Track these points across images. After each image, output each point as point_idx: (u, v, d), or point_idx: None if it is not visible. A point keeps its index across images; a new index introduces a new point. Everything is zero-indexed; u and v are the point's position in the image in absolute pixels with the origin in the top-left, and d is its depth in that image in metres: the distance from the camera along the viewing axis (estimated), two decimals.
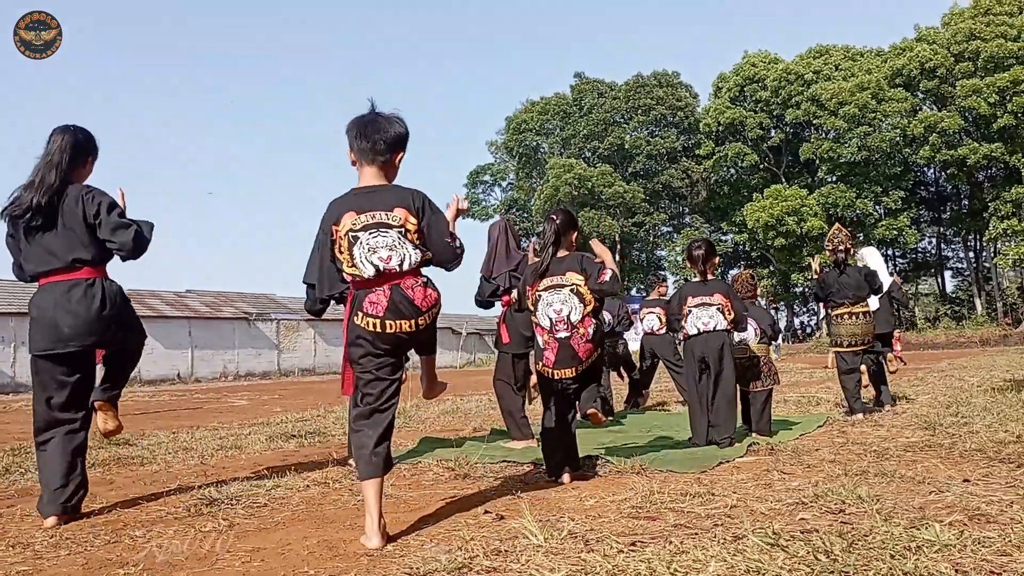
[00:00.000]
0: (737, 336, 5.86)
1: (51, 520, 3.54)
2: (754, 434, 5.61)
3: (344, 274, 3.09)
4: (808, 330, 54.24)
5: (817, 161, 46.94)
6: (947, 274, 55.28)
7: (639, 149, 52.20)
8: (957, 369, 15.36)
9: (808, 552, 2.30)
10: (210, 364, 35.36)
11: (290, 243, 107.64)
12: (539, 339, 4.09)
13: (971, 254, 51.37)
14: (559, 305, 4.01)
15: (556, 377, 4.02)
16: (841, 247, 7.04)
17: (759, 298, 6.76)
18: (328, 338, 39.10)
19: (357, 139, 3.11)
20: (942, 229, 52.15)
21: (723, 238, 52.97)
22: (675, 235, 55.45)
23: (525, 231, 57.67)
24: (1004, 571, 2.09)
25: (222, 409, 13.73)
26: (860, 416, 6.62)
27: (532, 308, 4.14)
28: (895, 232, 45.32)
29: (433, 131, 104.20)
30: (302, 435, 7.43)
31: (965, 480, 3.51)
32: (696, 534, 2.74)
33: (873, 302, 7.16)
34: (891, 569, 2.12)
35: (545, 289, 4.08)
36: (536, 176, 56.19)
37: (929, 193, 51.58)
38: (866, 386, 7.25)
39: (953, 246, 54.25)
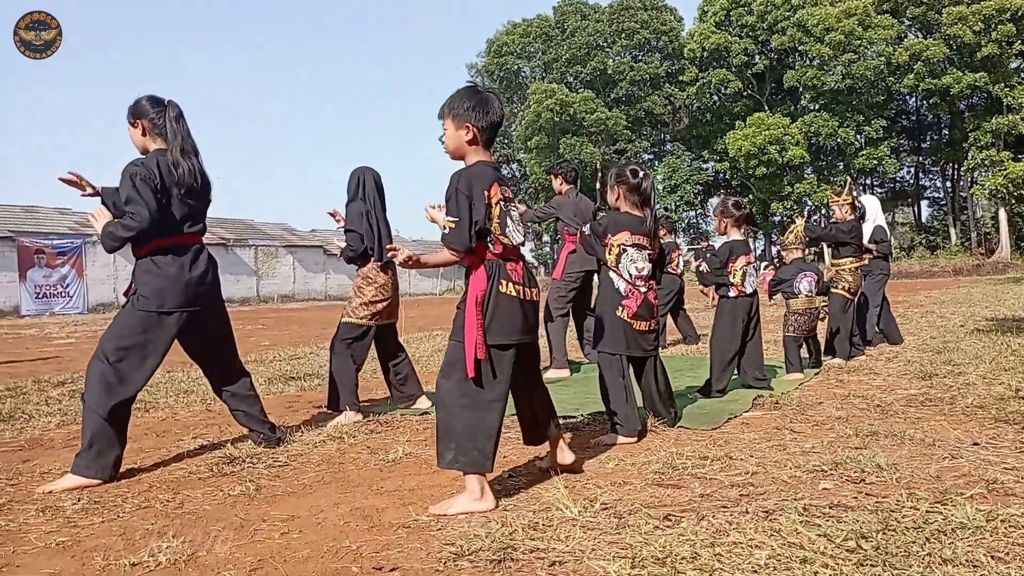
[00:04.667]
0: (803, 288, 6.46)
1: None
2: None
3: (488, 241, 3.12)
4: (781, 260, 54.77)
5: (801, 89, 46.63)
6: (923, 204, 55.84)
7: (622, 75, 51.49)
8: (936, 304, 15.66)
9: (846, 535, 2.37)
10: None
11: (269, 169, 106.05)
12: (620, 285, 4.18)
13: (948, 184, 51.76)
14: (642, 263, 4.19)
15: (635, 326, 4.15)
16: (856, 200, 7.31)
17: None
18: (307, 264, 38.95)
19: (483, 116, 3.16)
20: (921, 159, 52.40)
21: (704, 166, 52.92)
22: (657, 163, 55.27)
23: (506, 157, 57.16)
24: None
25: None
26: (843, 361, 6.85)
27: (611, 258, 4.20)
28: (875, 161, 45.51)
29: (411, 53, 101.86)
30: (301, 376, 7.47)
31: (975, 443, 3.62)
32: (725, 506, 2.81)
33: None
34: (930, 555, 2.20)
35: (633, 245, 4.18)
36: (517, 101, 55.38)
37: (910, 122, 51.62)
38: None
39: (931, 176, 54.60)
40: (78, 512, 3.17)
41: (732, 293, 5.45)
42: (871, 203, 8.16)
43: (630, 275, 4.17)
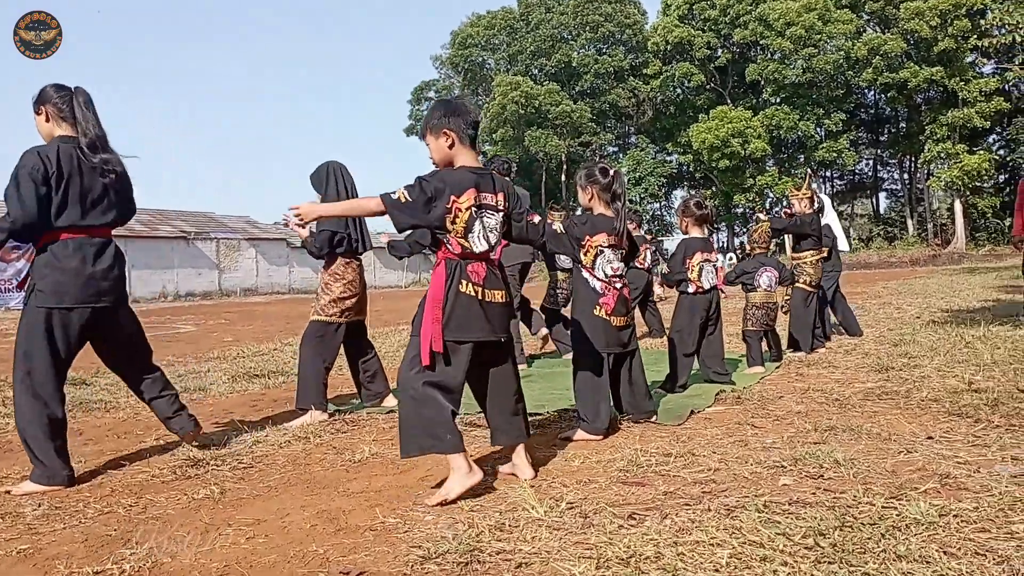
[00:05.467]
0: (763, 283, 6.63)
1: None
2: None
3: (445, 241, 3.25)
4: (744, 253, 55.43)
5: (762, 82, 47.12)
6: (882, 195, 56.83)
7: (587, 67, 51.58)
8: (894, 295, 15.97)
9: (804, 532, 2.43)
10: (148, 284, 34.59)
11: (230, 161, 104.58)
12: (596, 284, 4.25)
13: (905, 176, 52.74)
14: (616, 263, 4.29)
15: (613, 323, 4.23)
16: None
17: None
18: (270, 257, 38.54)
19: (458, 119, 3.25)
20: (879, 151, 53.30)
21: (668, 159, 53.28)
22: (621, 155, 55.48)
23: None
24: (987, 551, 2.25)
25: (170, 337, 13.55)
26: (804, 355, 6.99)
27: (587, 259, 4.26)
28: (835, 154, 46.19)
29: (376, 43, 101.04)
30: (265, 374, 7.41)
31: (929, 437, 3.72)
32: (688, 504, 2.86)
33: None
34: (885, 552, 2.26)
35: (609, 246, 4.25)
36: (482, 93, 55.23)
37: (868, 116, 52.46)
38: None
39: (889, 168, 55.58)
40: (39, 518, 3.12)
41: (691, 289, 5.54)
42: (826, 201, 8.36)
43: (605, 275, 4.24)
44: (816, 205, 7.49)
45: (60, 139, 3.62)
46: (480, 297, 3.24)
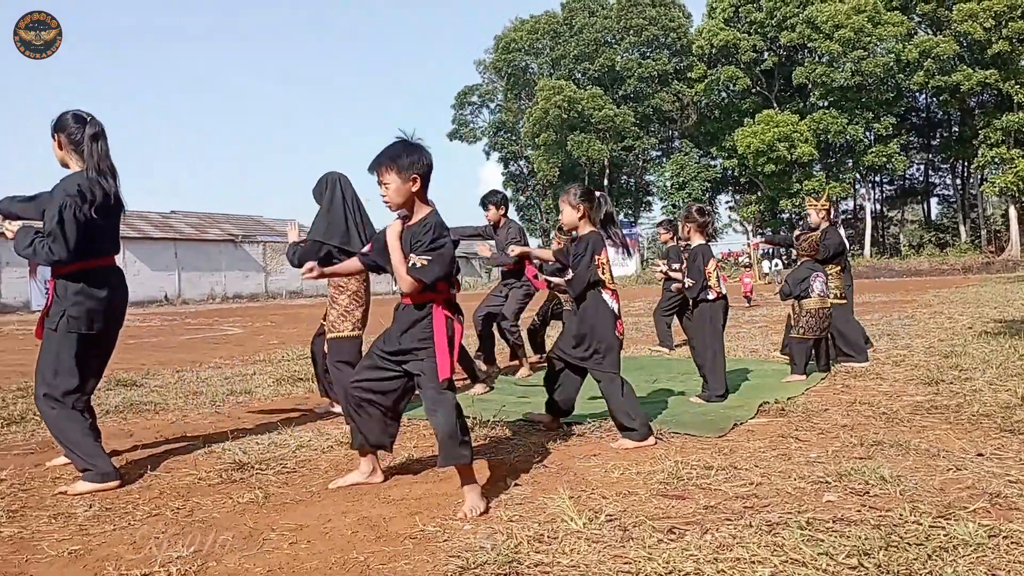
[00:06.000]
0: (817, 289, 6.54)
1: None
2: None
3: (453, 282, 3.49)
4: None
5: (810, 86, 46.46)
6: (933, 201, 55.62)
7: (630, 71, 51.36)
8: (945, 304, 15.61)
9: (848, 551, 2.39)
10: (197, 286, 35.31)
11: (277, 165, 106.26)
12: (613, 305, 4.33)
13: (958, 181, 51.56)
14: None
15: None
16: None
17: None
18: None
19: (425, 164, 3.31)
20: (931, 156, 52.20)
21: (712, 163, 52.77)
22: (664, 160, 55.12)
23: (513, 154, 57.10)
24: None
25: (217, 340, 13.81)
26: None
27: (607, 276, 4.35)
28: (884, 159, 45.34)
29: (420, 49, 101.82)
30: (308, 378, 7.50)
31: (979, 454, 3.63)
32: (729, 519, 2.83)
33: None
34: (931, 574, 2.22)
35: (608, 261, 4.40)
36: (525, 98, 55.34)
37: (920, 119, 51.39)
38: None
39: (940, 173, 54.37)
40: (90, 519, 3.21)
41: (711, 296, 5.56)
42: None
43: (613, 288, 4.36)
44: (833, 217, 7.42)
45: (78, 175, 3.75)
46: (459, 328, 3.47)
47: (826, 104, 46.01)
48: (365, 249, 3.62)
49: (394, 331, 3.38)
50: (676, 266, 8.96)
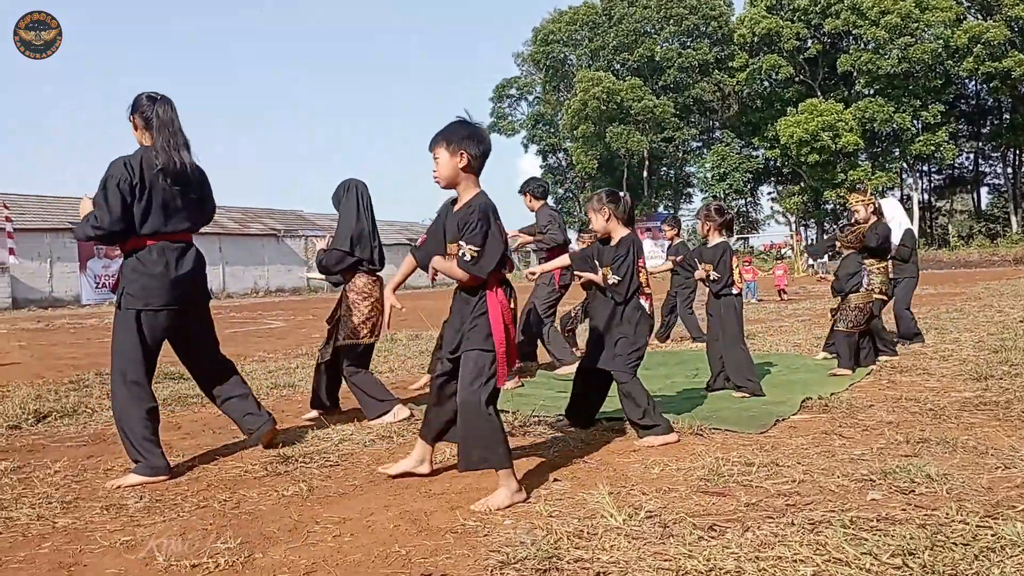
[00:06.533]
0: (865, 283, 6.58)
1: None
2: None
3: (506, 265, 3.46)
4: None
5: (855, 73, 45.60)
6: (983, 190, 54.25)
7: (670, 61, 50.84)
8: (995, 296, 15.25)
9: (892, 551, 2.37)
10: (241, 280, 35.89)
11: (317, 161, 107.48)
12: (648, 309, 4.30)
13: (1009, 170, 50.17)
14: None
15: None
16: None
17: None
18: None
19: (478, 144, 3.35)
20: (980, 144, 50.85)
21: (754, 154, 52.05)
22: (705, 151, 54.52)
23: (551, 146, 56.91)
24: None
25: (261, 333, 14.05)
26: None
27: (645, 279, 4.32)
28: (932, 147, 44.35)
29: (459, 42, 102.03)
30: None
31: None
32: (771, 517, 2.81)
33: None
34: (978, 574, 2.18)
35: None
36: (564, 90, 55.12)
37: (969, 107, 50.12)
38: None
39: (991, 161, 52.98)
40: (140, 511, 3.30)
41: (735, 291, 5.57)
42: (891, 206, 8.07)
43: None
44: (879, 211, 7.25)
45: (143, 148, 3.83)
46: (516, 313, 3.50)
47: (872, 92, 45.12)
48: (419, 241, 3.71)
49: (452, 327, 3.44)
50: (678, 258, 8.94)
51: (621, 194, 4.43)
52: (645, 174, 51.51)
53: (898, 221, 7.95)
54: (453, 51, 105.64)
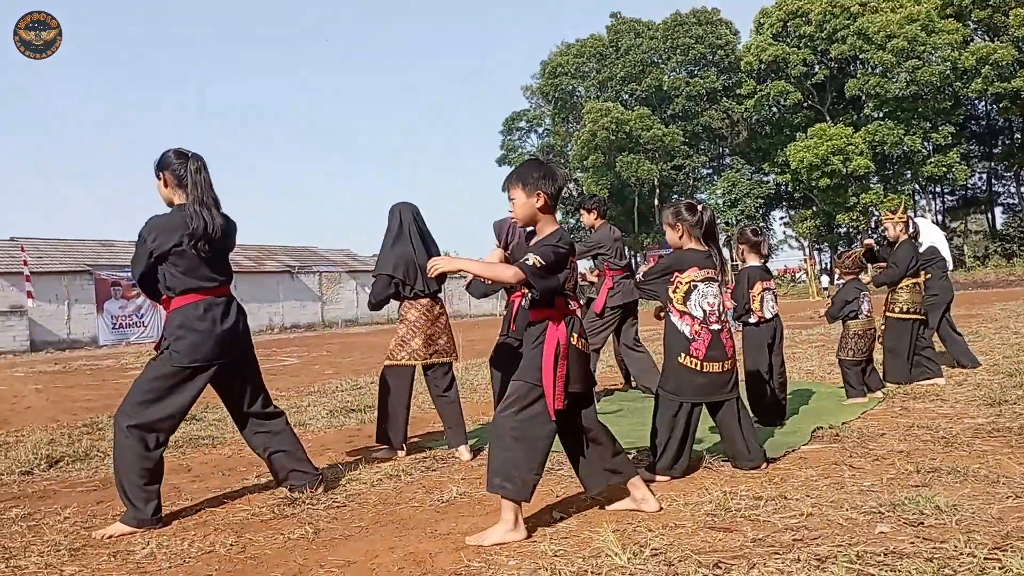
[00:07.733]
0: (864, 309, 6.42)
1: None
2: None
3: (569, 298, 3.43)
4: None
5: (863, 97, 45.70)
6: (997, 210, 53.88)
7: (678, 90, 51.19)
8: (1011, 318, 15.08)
9: None
10: (256, 317, 35.98)
11: (330, 196, 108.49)
12: (684, 329, 4.08)
13: (1023, 189, 49.89)
14: (712, 299, 4.09)
15: (703, 370, 4.05)
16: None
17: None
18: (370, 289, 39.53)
19: (552, 183, 3.40)
20: (993, 164, 50.69)
21: (765, 179, 52.10)
22: (715, 178, 54.64)
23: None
24: None
25: (274, 370, 14.06)
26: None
27: (677, 296, 4.12)
28: (944, 169, 44.26)
29: (467, 78, 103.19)
30: (361, 408, 7.61)
31: None
32: (777, 553, 2.79)
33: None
34: None
35: (703, 280, 4.09)
36: (572, 121, 55.53)
37: (980, 127, 50.07)
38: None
39: (1004, 181, 52.76)
40: (147, 558, 3.30)
41: (753, 320, 5.48)
42: (922, 224, 8.03)
43: (702, 312, 4.05)
44: (912, 230, 7.21)
45: (178, 207, 3.90)
46: (584, 349, 3.40)
47: (881, 115, 45.18)
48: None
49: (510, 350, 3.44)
50: None
51: (699, 207, 4.24)
52: (656, 202, 51.57)
53: (930, 239, 7.96)
54: (461, 87, 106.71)
